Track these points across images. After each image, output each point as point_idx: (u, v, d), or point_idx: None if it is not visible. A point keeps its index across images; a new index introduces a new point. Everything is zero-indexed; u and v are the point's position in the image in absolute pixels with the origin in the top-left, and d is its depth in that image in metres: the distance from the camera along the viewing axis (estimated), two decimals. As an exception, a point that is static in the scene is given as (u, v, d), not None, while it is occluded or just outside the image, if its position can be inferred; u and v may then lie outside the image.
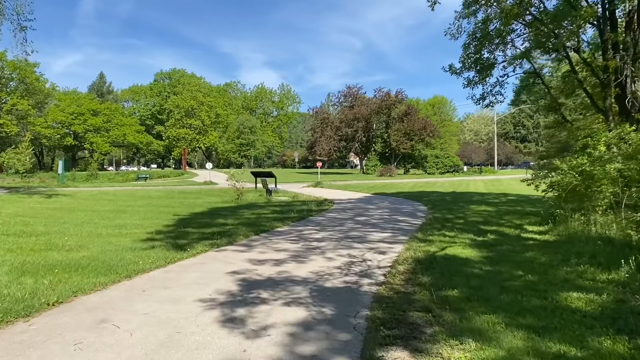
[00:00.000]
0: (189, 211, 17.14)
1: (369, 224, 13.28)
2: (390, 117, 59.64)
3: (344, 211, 16.93)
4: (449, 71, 17.10)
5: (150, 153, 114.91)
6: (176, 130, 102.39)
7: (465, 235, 10.58)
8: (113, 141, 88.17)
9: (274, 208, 17.93)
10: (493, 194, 25.46)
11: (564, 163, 11.78)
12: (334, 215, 15.75)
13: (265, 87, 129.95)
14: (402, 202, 20.52)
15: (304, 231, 11.84)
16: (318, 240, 10.30)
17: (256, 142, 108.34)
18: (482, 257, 8.10)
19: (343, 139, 60.64)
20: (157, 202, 20.70)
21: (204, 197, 23.57)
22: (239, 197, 21.00)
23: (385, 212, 16.51)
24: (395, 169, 56.26)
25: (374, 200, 21.78)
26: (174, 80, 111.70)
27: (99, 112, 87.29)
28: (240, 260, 8.16)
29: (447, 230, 11.41)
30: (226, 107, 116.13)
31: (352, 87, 62.70)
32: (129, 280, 6.83)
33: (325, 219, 14.68)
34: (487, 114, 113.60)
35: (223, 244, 9.78)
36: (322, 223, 13.53)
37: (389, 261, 8.03)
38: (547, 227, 11.31)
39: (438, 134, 64.17)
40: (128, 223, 13.59)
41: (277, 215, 15.37)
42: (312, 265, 7.70)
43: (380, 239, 10.54)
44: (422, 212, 16.45)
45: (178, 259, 8.28)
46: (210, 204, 19.96)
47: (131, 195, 24.70)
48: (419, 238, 10.24)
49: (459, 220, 13.49)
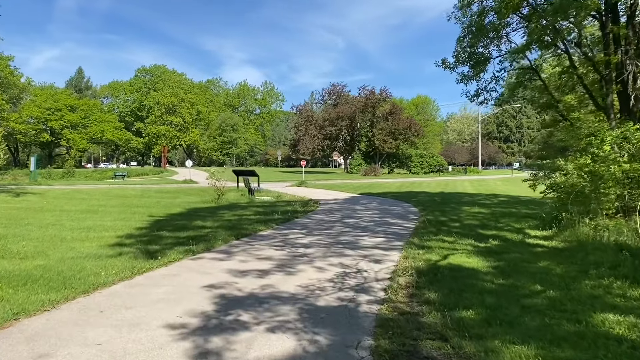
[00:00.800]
0: (165, 212, 16.04)
1: (359, 227, 12.37)
2: (374, 115, 58.86)
3: (331, 212, 16.00)
4: (442, 66, 16.30)
5: (130, 150, 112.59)
6: (156, 127, 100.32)
7: (466, 240, 9.73)
8: (91, 138, 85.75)
9: (256, 209, 16.93)
10: (482, 194, 24.80)
11: (568, 163, 11.03)
12: (320, 217, 14.82)
13: (248, 85, 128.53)
14: (390, 203, 19.68)
15: (289, 235, 10.87)
16: (305, 246, 9.35)
17: (238, 140, 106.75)
18: (491, 268, 7.24)
19: (327, 138, 59.70)
20: (132, 202, 19.51)
21: (182, 197, 22.43)
22: (219, 197, 19.93)
23: (375, 213, 15.63)
24: (379, 169, 55.56)
25: (361, 201, 20.90)
26: (154, 76, 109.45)
27: (77, 108, 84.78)
28: (219, 271, 7.17)
29: (445, 234, 10.56)
30: (208, 104, 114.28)
31: (337, 85, 61.93)
32: (86, 296, 5.80)
33: (312, 221, 13.73)
34: (471, 114, 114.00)
35: (200, 251, 8.76)
36: (309, 226, 12.58)
37: (387, 272, 7.13)
38: (551, 231, 10.53)
39: (423, 134, 63.66)
40: (98, 225, 12.47)
41: (260, 216, 14.37)
42: (300, 278, 6.75)
43: (373, 244, 9.63)
44: (413, 213, 15.62)
45: (147, 269, 7.25)
46: (189, 204, 18.86)
47: (105, 194, 23.42)
48: (416, 244, 9.36)
49: (454, 224, 12.67)
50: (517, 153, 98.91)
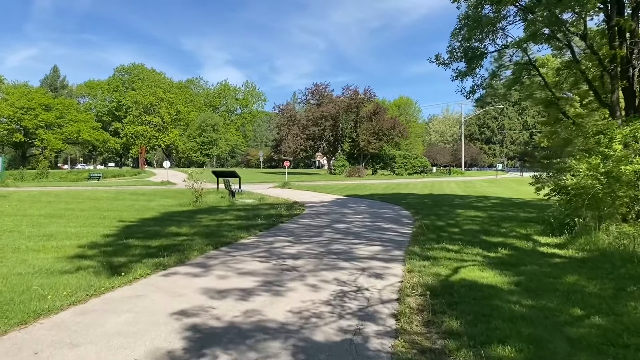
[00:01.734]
0: (138, 216, 14.76)
1: (351, 233, 11.30)
2: (358, 116, 57.87)
3: (319, 217, 14.90)
4: (436, 62, 15.34)
5: (108, 151, 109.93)
6: (134, 127, 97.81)
7: (472, 249, 8.73)
8: (66, 138, 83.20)
9: (237, 213, 15.74)
10: (472, 196, 23.96)
11: (580, 163, 10.13)
12: (308, 221, 13.70)
13: (229, 84, 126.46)
14: (380, 206, 18.66)
15: (274, 244, 9.74)
16: (294, 257, 8.23)
17: (219, 140, 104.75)
18: (512, 284, 6.22)
19: (310, 138, 58.51)
20: (104, 205, 18.14)
21: (158, 199, 21.09)
22: (197, 200, 18.67)
23: (366, 217, 14.57)
24: (363, 170, 54.66)
25: (349, 204, 19.84)
26: (133, 75, 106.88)
27: (52, 107, 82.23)
28: (193, 291, 6.02)
29: (447, 242, 9.54)
30: (187, 103, 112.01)
31: (320, 84, 60.73)
32: (22, 329, 4.61)
33: (299, 226, 12.61)
34: (453, 115, 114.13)
35: (172, 264, 7.59)
36: (296, 232, 11.45)
37: (393, 290, 6.07)
38: (563, 238, 9.60)
39: (407, 134, 62.94)
40: (60, 232, 11.18)
41: (242, 221, 13.20)
42: (291, 299, 5.65)
43: (370, 254, 8.56)
44: (407, 217, 14.61)
45: (107, 288, 6.07)
46: (165, 208, 17.57)
47: (76, 196, 21.94)
48: (418, 254, 8.32)
49: (454, 229, 11.68)
50: (499, 154, 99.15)
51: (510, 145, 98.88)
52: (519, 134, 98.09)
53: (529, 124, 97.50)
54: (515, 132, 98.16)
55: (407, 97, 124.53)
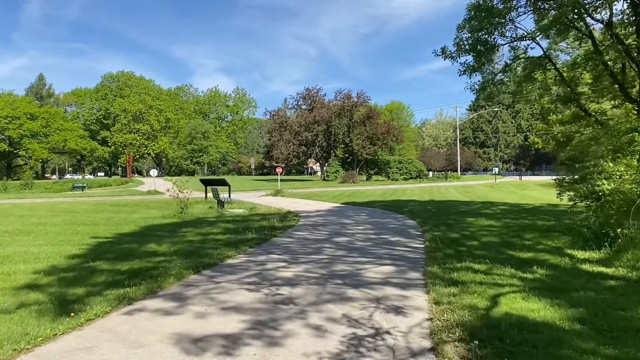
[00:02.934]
0: (115, 231, 13.27)
1: (355, 248, 9.88)
2: (352, 120, 56.55)
3: (316, 228, 13.46)
4: (442, 55, 14.01)
5: (97, 160, 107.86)
6: (123, 135, 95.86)
7: (502, 269, 7.33)
8: (52, 147, 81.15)
9: (226, 225, 14.27)
10: (477, 202, 22.63)
11: (617, 164, 8.79)
12: (304, 234, 12.26)
13: (219, 91, 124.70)
14: (382, 215, 17.27)
15: (267, 264, 8.29)
16: (290, 284, 6.78)
17: (209, 148, 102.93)
18: (573, 321, 4.82)
19: (303, 144, 57.04)
20: (79, 219, 16.59)
21: (141, 211, 19.55)
22: (183, 211, 17.17)
23: (369, 229, 13.15)
24: (358, 176, 53.28)
25: (347, 212, 18.42)
26: (121, 82, 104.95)
27: (37, 116, 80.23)
28: (159, 340, 4.57)
29: (469, 259, 8.16)
30: (177, 111, 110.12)
31: (312, 89, 59.31)
32: None
33: (294, 240, 11.17)
34: (446, 119, 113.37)
35: (139, 296, 6.12)
36: (292, 248, 10.01)
37: (422, 334, 4.65)
38: (603, 253, 8.24)
39: (402, 139, 61.69)
40: (19, 252, 9.67)
41: (230, 236, 11.72)
42: (290, 352, 4.21)
43: (382, 277, 7.14)
44: (414, 228, 13.22)
45: (45, 338, 4.61)
46: (147, 220, 16.07)
47: (52, 209, 20.35)
48: (440, 276, 6.91)
49: (471, 242, 10.29)
50: (493, 158, 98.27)
51: (504, 148, 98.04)
52: (513, 137, 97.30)
53: (523, 127, 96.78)
54: (509, 135, 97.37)
55: (399, 102, 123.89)
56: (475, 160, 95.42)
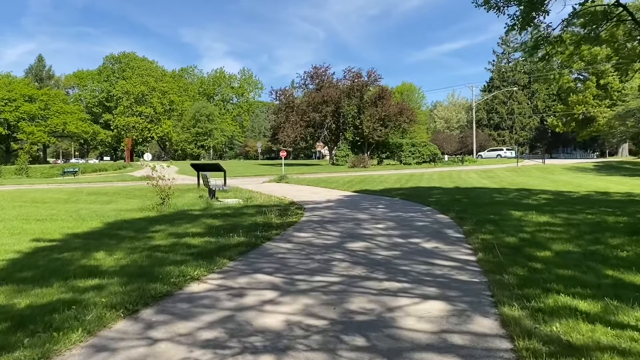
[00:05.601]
0: (70, 230, 10.52)
1: (378, 262, 6.94)
2: (362, 100, 53.13)
3: (324, 227, 10.52)
4: (485, 6, 10.89)
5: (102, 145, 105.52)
6: (125, 118, 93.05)
7: (626, 311, 4.40)
8: (52, 131, 78.59)
9: (211, 221, 11.41)
10: (510, 190, 19.53)
11: None
12: (307, 237, 9.33)
13: (224, 72, 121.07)
14: (404, 207, 14.30)
15: (246, 295, 5.40)
16: (277, 349, 3.88)
17: (214, 131, 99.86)
18: None
19: (310, 125, 53.83)
20: (39, 212, 13.85)
21: (119, 201, 16.78)
22: (163, 202, 14.36)
23: (392, 228, 10.18)
24: (369, 160, 50.11)
25: (361, 204, 15.47)
26: (123, 64, 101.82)
27: (36, 99, 77.54)
28: None
29: (556, 285, 5.22)
30: (181, 93, 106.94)
31: (319, 67, 55.62)
32: None
33: (294, 247, 8.26)
34: (459, 101, 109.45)
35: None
36: (288, 262, 7.10)
37: None
38: None
39: (416, 120, 58.17)
40: None
41: (209, 239, 8.85)
42: None
43: (431, 331, 4.22)
44: (450, 226, 10.25)
45: None
46: (119, 214, 13.29)
47: (17, 198, 17.60)
48: (530, 331, 4.00)
49: (540, 252, 7.29)
50: (508, 141, 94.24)
51: (520, 131, 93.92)
52: (529, 119, 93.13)
53: (539, 109, 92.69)
54: (525, 117, 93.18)
55: (410, 83, 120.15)
56: (490, 143, 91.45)
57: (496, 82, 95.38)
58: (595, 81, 65.26)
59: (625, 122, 43.72)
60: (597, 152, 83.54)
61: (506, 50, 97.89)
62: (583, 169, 37.29)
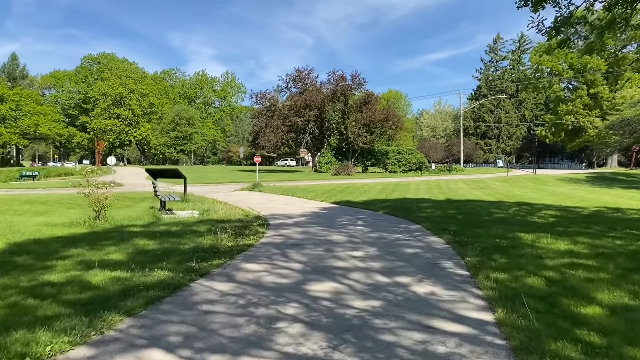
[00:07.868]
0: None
1: (345, 327, 4.57)
2: (347, 105, 50.94)
3: (284, 255, 8.13)
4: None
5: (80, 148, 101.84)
6: (102, 121, 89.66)
7: None
8: (23, 132, 75.01)
9: (144, 243, 8.97)
10: (508, 203, 17.36)
11: None
12: (257, 271, 6.93)
13: (207, 74, 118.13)
14: (388, 224, 11.98)
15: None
16: None
17: (194, 135, 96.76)
18: None
19: (292, 130, 51.45)
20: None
21: (55, 212, 14.26)
22: (98, 215, 11.88)
23: (372, 257, 7.83)
24: (353, 167, 47.86)
25: (338, 219, 13.13)
26: (102, 65, 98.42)
27: (6, 99, 74.06)
28: None
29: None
30: (162, 95, 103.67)
31: (302, 70, 53.37)
32: None
33: (231, 290, 5.85)
34: (446, 109, 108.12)
35: None
36: (210, 324, 4.69)
37: None
38: None
39: (402, 126, 56.08)
40: None
41: (121, 274, 6.42)
42: None
43: None
44: (448, 256, 7.92)
45: None
46: (39, 230, 10.79)
47: None
48: None
49: (585, 308, 4.98)
50: (495, 150, 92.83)
51: (507, 140, 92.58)
52: (516, 128, 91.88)
53: (527, 118, 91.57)
54: (512, 126, 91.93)
55: (396, 91, 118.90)
56: (476, 151, 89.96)
57: (483, 90, 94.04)
58: (586, 90, 63.82)
59: (619, 132, 42.10)
60: (584, 162, 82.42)
61: (494, 58, 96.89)
62: (576, 180, 35.48)
